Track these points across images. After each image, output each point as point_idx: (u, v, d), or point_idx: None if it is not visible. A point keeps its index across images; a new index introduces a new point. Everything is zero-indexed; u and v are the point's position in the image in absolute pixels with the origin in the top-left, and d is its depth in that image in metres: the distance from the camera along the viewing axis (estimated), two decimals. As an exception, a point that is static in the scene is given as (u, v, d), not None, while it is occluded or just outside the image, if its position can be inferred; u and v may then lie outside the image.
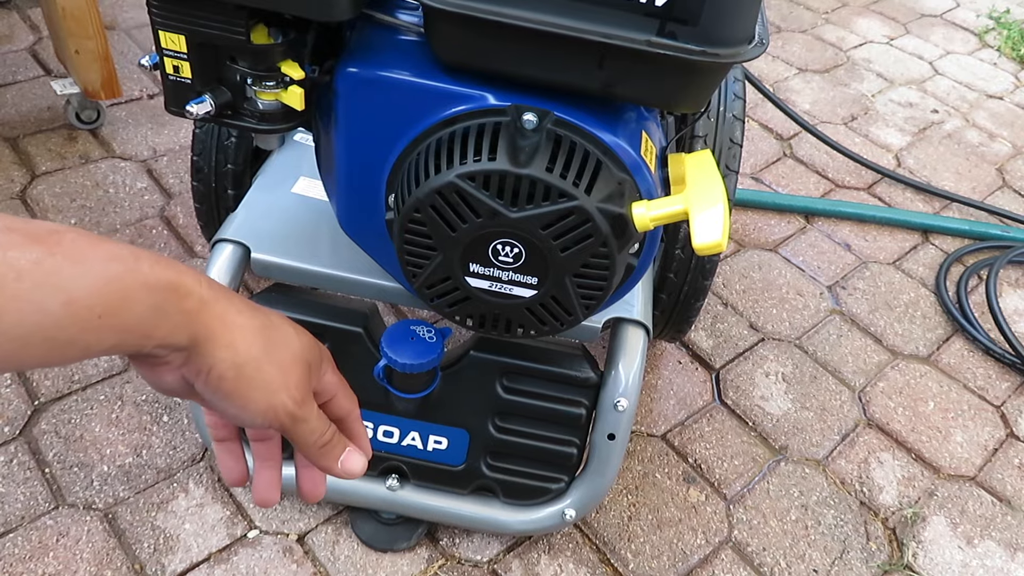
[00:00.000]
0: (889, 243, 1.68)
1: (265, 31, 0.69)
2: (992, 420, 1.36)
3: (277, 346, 0.45)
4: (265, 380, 0.44)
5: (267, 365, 0.44)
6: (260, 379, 0.44)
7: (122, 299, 0.38)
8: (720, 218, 0.68)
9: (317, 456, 0.48)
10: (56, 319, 0.36)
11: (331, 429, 0.48)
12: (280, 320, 0.47)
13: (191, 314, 0.41)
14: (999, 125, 2.09)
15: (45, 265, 0.35)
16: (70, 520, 1.05)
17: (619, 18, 0.63)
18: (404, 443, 0.97)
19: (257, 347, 0.44)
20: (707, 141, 1.05)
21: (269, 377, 0.44)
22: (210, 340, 0.42)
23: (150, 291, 0.39)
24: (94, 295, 0.37)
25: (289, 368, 0.45)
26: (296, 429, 0.46)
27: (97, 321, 0.37)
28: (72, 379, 1.21)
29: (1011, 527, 1.21)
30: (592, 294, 0.74)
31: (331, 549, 1.06)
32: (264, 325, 0.45)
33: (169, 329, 0.40)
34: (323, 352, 0.50)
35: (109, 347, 0.38)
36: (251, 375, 0.43)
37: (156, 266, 0.40)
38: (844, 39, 2.35)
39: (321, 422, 0.48)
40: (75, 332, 0.36)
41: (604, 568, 1.09)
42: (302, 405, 0.46)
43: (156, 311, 0.39)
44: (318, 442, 0.48)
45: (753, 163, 1.84)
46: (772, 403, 1.33)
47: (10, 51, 1.81)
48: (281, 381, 0.44)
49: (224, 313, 0.43)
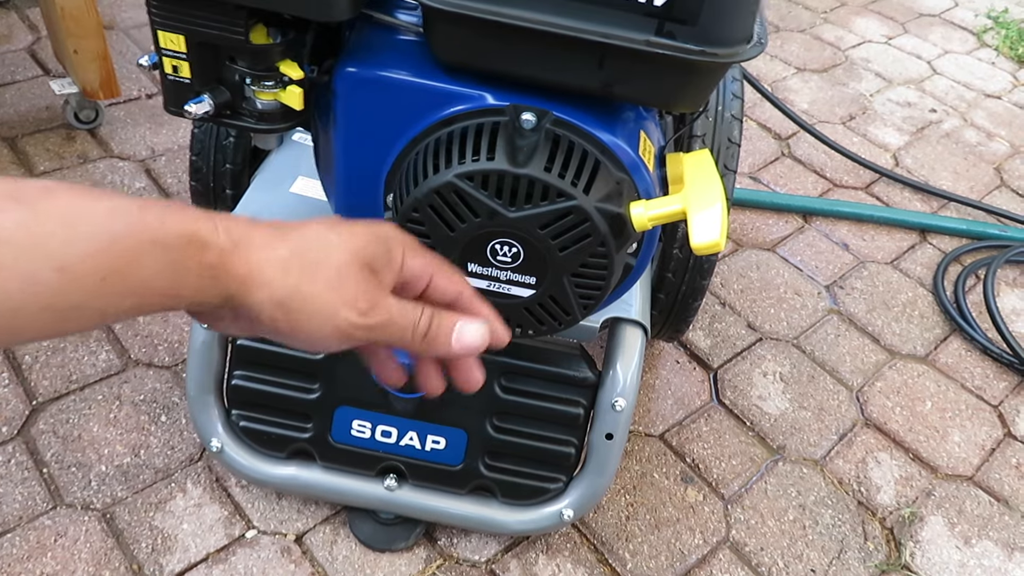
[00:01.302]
0: (887, 243, 1.68)
1: (264, 31, 0.69)
2: (990, 420, 1.36)
3: (317, 264, 0.40)
4: (317, 306, 0.40)
5: (312, 288, 0.39)
6: (311, 307, 0.39)
7: (129, 260, 0.34)
8: (718, 218, 0.68)
9: (423, 349, 0.43)
10: (51, 287, 0.32)
11: (425, 316, 0.43)
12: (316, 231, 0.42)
13: (215, 268, 0.37)
14: (997, 124, 2.09)
15: (31, 228, 0.32)
16: (68, 520, 1.05)
17: (618, 18, 0.63)
18: (402, 443, 0.97)
19: (294, 275, 0.39)
20: (705, 140, 1.05)
21: (320, 301, 0.40)
22: (244, 289, 0.38)
23: (162, 248, 0.35)
24: (93, 257, 0.33)
25: (342, 281, 0.40)
26: (378, 337, 0.41)
27: (102, 285, 0.34)
28: (70, 379, 1.21)
29: (1008, 527, 1.21)
30: (590, 294, 0.74)
31: (329, 549, 1.06)
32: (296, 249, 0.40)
33: (196, 287, 0.37)
34: (391, 242, 0.43)
35: (130, 310, 0.35)
36: (299, 307, 0.39)
37: (166, 218, 0.36)
38: (842, 39, 2.36)
39: (407, 316, 0.42)
40: (80, 298, 0.33)
41: (602, 568, 1.09)
42: (372, 312, 0.41)
43: (173, 269, 0.36)
44: (415, 337, 0.42)
45: (751, 163, 1.84)
46: (770, 403, 1.33)
47: (9, 51, 1.81)
48: (336, 298, 0.40)
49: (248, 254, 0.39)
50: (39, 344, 1.24)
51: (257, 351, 0.94)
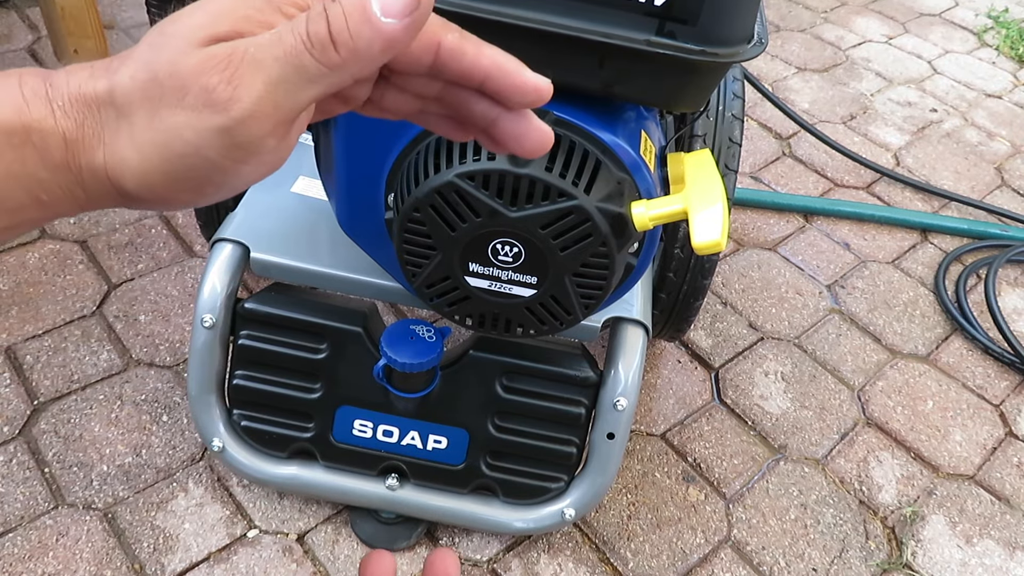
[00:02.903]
0: (888, 242, 1.68)
1: (264, 31, 0.69)
2: (991, 419, 1.36)
3: (159, 42, 0.29)
4: (163, 122, 0.29)
5: (149, 94, 0.29)
6: (160, 130, 0.29)
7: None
8: (719, 217, 0.68)
9: (339, 62, 0.28)
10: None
11: (303, 17, 0.28)
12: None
13: (68, 166, 0.29)
14: (998, 124, 2.09)
15: None
16: (70, 520, 1.05)
17: (618, 18, 0.63)
18: (404, 442, 0.97)
19: (133, 81, 0.29)
20: (706, 140, 1.05)
21: (163, 112, 0.28)
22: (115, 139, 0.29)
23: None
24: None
25: (179, 57, 0.28)
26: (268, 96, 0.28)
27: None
28: (71, 379, 1.21)
29: (1010, 526, 1.21)
30: (591, 293, 0.74)
31: (331, 548, 1.06)
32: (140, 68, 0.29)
33: (57, 193, 0.30)
34: None
35: None
36: (150, 134, 0.29)
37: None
38: (843, 38, 2.36)
39: (271, 36, 0.29)
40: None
41: (603, 567, 1.09)
42: (233, 76, 0.28)
43: (14, 181, 0.29)
44: (307, 50, 0.28)
45: (752, 162, 1.84)
46: (771, 402, 1.33)
47: (9, 50, 1.81)
48: (174, 93, 0.28)
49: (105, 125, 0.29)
50: (40, 344, 1.24)
51: (259, 351, 0.94)
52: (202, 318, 0.92)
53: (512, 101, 0.33)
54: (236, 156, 0.29)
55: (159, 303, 1.33)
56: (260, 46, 0.28)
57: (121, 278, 1.36)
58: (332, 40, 0.28)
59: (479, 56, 0.32)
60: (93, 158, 0.29)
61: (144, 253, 1.41)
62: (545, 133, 0.34)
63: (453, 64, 0.32)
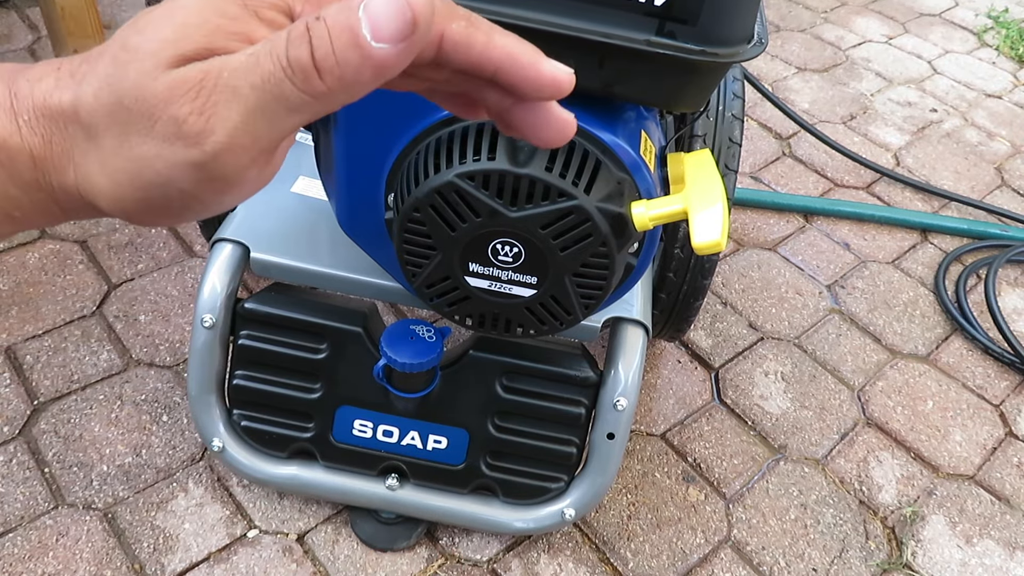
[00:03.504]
0: (888, 242, 1.68)
1: (264, 31, 0.69)
2: (991, 419, 1.36)
3: (123, 57, 0.26)
4: (128, 150, 0.26)
5: (112, 114, 0.26)
6: (123, 158, 0.26)
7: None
8: (719, 217, 0.68)
9: (322, 90, 0.25)
10: None
11: (284, 34, 0.25)
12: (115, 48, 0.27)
13: (38, 185, 0.27)
14: (998, 124, 2.09)
15: None
16: (70, 520, 1.05)
17: (618, 18, 0.63)
18: (404, 442, 0.97)
19: (97, 95, 0.26)
20: (706, 140, 1.05)
21: (125, 137, 0.26)
22: (85, 160, 0.27)
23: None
24: None
25: (144, 80, 0.26)
26: (243, 130, 0.26)
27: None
28: (71, 379, 1.21)
29: (1010, 526, 1.21)
30: (591, 293, 0.74)
31: (331, 548, 1.06)
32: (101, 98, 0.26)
33: (30, 209, 0.28)
34: None
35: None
36: (115, 160, 0.26)
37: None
38: (843, 38, 2.36)
39: (252, 54, 0.26)
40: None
41: (603, 567, 1.09)
42: (204, 108, 0.25)
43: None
44: (288, 78, 0.25)
45: (752, 162, 1.84)
46: (771, 402, 1.33)
47: (9, 50, 1.81)
48: (141, 119, 0.26)
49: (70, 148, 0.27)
50: (40, 344, 1.24)
51: (259, 351, 0.94)
52: (202, 318, 0.92)
53: (528, 95, 0.30)
54: (213, 188, 0.27)
55: (159, 303, 1.33)
56: (235, 71, 0.25)
57: (121, 278, 1.36)
58: (316, 67, 0.25)
59: (489, 47, 0.28)
60: (64, 178, 0.27)
61: (144, 253, 1.41)
62: (566, 123, 0.31)
63: (460, 56, 0.28)
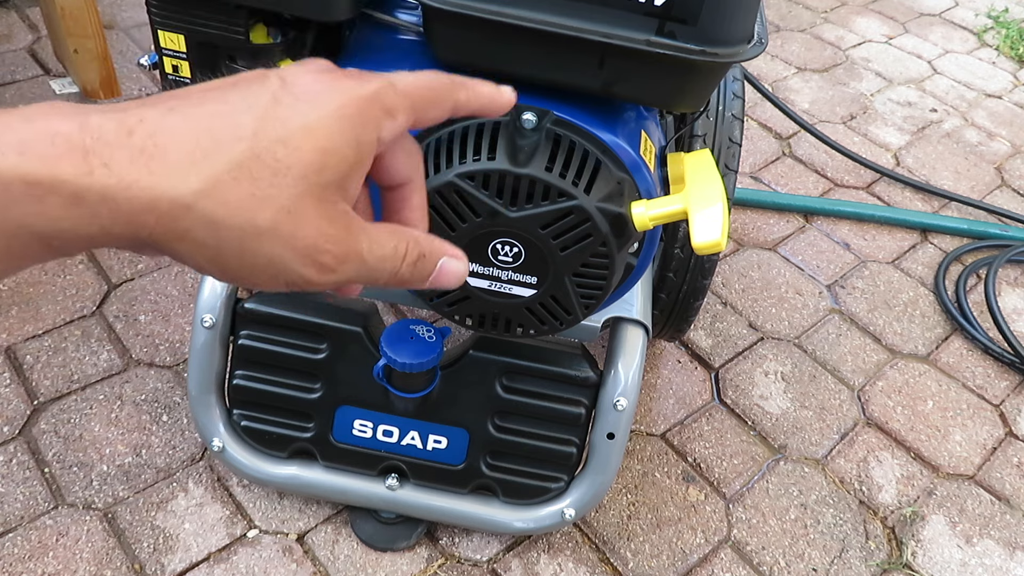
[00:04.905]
0: (888, 242, 1.68)
1: (264, 31, 0.69)
2: (991, 419, 1.36)
3: (256, 197, 0.26)
4: (260, 261, 0.27)
5: (251, 243, 0.27)
6: (252, 261, 0.27)
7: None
8: (719, 217, 0.68)
9: (392, 285, 0.32)
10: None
11: (409, 257, 0.31)
12: (258, 122, 0.27)
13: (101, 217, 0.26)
14: (998, 124, 2.09)
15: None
16: (70, 520, 1.05)
17: (618, 18, 0.63)
18: (404, 442, 0.97)
19: (219, 194, 0.26)
20: (706, 140, 1.05)
21: (265, 254, 0.27)
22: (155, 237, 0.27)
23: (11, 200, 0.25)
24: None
25: (295, 222, 0.27)
26: (343, 284, 0.30)
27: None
28: (71, 379, 1.21)
29: (1010, 526, 1.21)
30: (591, 293, 0.74)
31: (331, 548, 1.06)
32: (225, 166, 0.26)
33: (81, 238, 0.26)
34: (365, 123, 0.28)
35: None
36: (236, 263, 0.27)
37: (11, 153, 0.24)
38: (843, 38, 2.36)
39: (385, 262, 0.30)
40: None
41: (603, 567, 1.09)
42: (340, 266, 0.28)
43: (36, 220, 0.25)
44: (388, 280, 0.31)
45: (752, 162, 1.84)
46: (771, 402, 1.33)
47: (9, 50, 1.81)
48: (286, 250, 0.27)
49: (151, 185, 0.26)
50: (40, 344, 1.24)
51: (259, 351, 0.94)
52: (202, 318, 0.92)
53: None
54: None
55: (159, 303, 1.33)
56: (375, 257, 0.30)
57: (121, 278, 1.36)
58: (398, 281, 0.32)
59: None
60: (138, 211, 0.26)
61: (144, 253, 1.41)
62: None
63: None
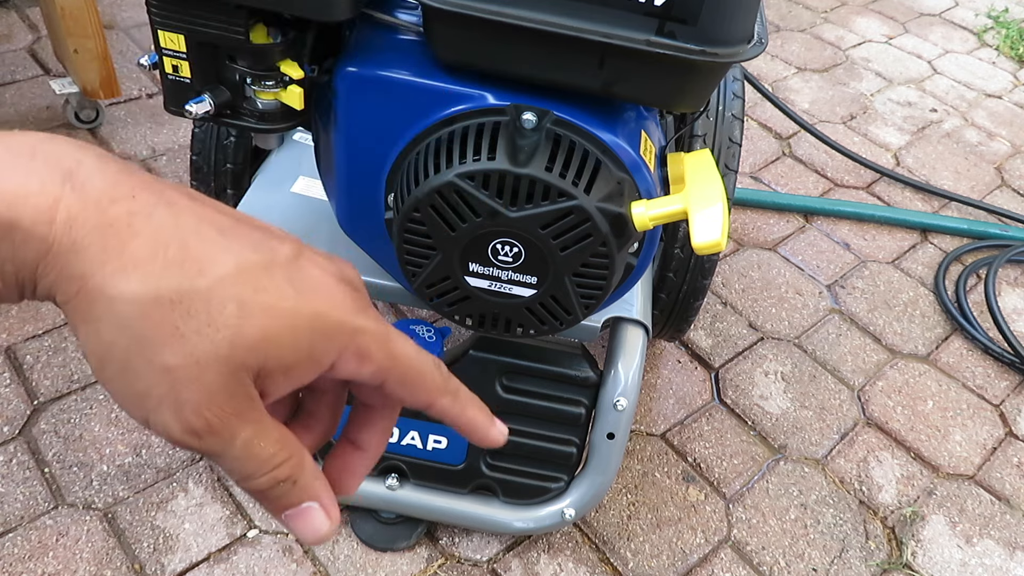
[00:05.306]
0: (888, 242, 1.68)
1: (264, 31, 0.69)
2: (991, 419, 1.36)
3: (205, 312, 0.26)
4: (137, 389, 0.27)
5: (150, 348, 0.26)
6: (130, 388, 0.27)
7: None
8: (719, 217, 0.68)
9: (252, 495, 0.31)
10: None
11: (284, 468, 0.30)
12: (223, 285, 0.27)
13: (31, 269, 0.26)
14: (998, 124, 2.09)
15: None
16: (70, 520, 1.05)
17: (618, 18, 0.63)
18: (404, 442, 0.97)
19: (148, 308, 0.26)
20: (706, 140, 1.05)
21: (142, 386, 0.27)
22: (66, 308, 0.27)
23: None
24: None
25: (210, 362, 0.26)
26: (206, 453, 0.28)
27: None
28: (71, 379, 1.21)
29: (1010, 526, 1.21)
30: (591, 293, 0.74)
31: (331, 548, 1.06)
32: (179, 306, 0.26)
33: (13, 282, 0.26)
34: (325, 340, 0.29)
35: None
36: (117, 377, 0.27)
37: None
38: (843, 38, 2.35)
39: (263, 453, 0.29)
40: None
41: (603, 567, 1.09)
42: (210, 433, 0.27)
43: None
44: (246, 483, 0.30)
45: (752, 162, 1.84)
46: (771, 402, 1.33)
47: (9, 50, 1.81)
48: (171, 385, 0.26)
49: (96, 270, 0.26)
50: (40, 344, 1.24)
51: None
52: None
53: (471, 439, 0.36)
54: None
55: (159, 303, 1.33)
56: (247, 449, 0.29)
57: (121, 278, 1.36)
58: (258, 491, 0.30)
59: (462, 417, 0.34)
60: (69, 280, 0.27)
61: (144, 253, 1.41)
62: None
63: (434, 414, 0.34)
